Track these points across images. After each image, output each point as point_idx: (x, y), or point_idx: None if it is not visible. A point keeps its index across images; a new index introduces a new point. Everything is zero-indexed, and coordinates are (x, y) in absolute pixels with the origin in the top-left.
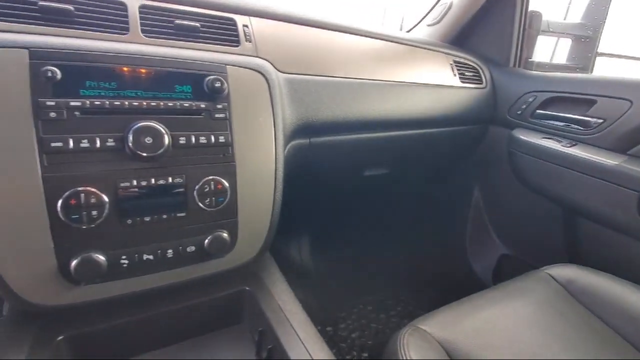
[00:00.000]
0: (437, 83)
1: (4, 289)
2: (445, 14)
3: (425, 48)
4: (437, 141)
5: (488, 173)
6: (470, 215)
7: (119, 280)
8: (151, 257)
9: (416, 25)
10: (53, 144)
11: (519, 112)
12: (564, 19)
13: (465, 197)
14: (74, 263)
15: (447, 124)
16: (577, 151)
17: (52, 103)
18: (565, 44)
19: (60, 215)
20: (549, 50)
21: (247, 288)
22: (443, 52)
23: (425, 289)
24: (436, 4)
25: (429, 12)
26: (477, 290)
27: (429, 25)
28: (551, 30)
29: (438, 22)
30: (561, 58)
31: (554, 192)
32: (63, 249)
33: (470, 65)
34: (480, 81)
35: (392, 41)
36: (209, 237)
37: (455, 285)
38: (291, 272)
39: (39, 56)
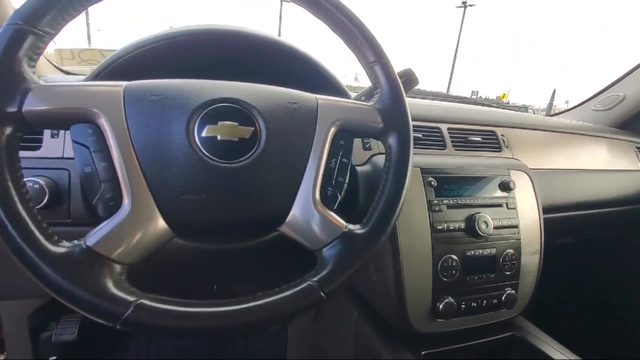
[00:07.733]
0: (623, 168)
1: (404, 320)
2: (618, 104)
3: (611, 138)
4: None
5: None
6: None
7: (457, 318)
8: (474, 304)
9: (580, 105)
10: (438, 227)
11: None
12: None
13: None
14: (441, 305)
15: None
16: None
17: (436, 201)
18: None
19: (438, 272)
20: None
21: (518, 335)
22: (626, 140)
23: None
24: (604, 91)
25: (595, 96)
26: None
27: (595, 110)
28: None
29: (609, 109)
30: None
31: None
32: (435, 294)
33: None
34: None
35: (592, 135)
36: (505, 294)
37: None
38: None
39: (425, 171)
